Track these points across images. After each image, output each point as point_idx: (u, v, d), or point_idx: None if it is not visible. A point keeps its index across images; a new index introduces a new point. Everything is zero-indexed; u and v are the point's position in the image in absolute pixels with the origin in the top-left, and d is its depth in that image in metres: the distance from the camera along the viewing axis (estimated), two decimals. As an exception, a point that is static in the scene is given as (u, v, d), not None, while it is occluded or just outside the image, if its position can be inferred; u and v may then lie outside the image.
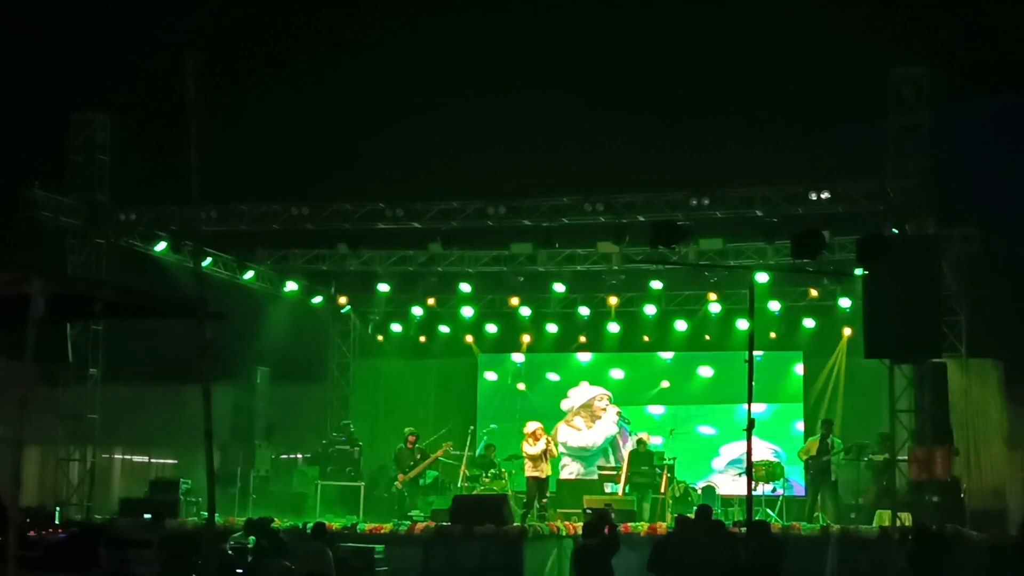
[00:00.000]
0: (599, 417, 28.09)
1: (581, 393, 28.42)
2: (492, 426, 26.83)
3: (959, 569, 17.93)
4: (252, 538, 19.34)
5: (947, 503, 20.54)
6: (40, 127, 25.75)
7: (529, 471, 23.01)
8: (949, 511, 20.29)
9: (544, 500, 22.89)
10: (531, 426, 23.50)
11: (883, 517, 20.71)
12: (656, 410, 27.62)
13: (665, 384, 27.72)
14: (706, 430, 27.17)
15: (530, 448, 23.06)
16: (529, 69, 28.06)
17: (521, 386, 28.77)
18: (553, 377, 28.77)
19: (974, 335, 24.23)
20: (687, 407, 27.45)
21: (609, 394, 28.20)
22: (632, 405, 27.96)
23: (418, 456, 24.92)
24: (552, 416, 27.06)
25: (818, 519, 21.79)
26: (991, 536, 21.14)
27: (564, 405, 28.35)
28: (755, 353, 15.45)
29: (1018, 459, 25.53)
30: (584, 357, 28.59)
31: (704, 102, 27.40)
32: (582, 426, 28.13)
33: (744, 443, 15.54)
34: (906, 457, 20.76)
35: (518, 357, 28.90)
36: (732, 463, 25.92)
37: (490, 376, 29.08)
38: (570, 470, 27.45)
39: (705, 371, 27.52)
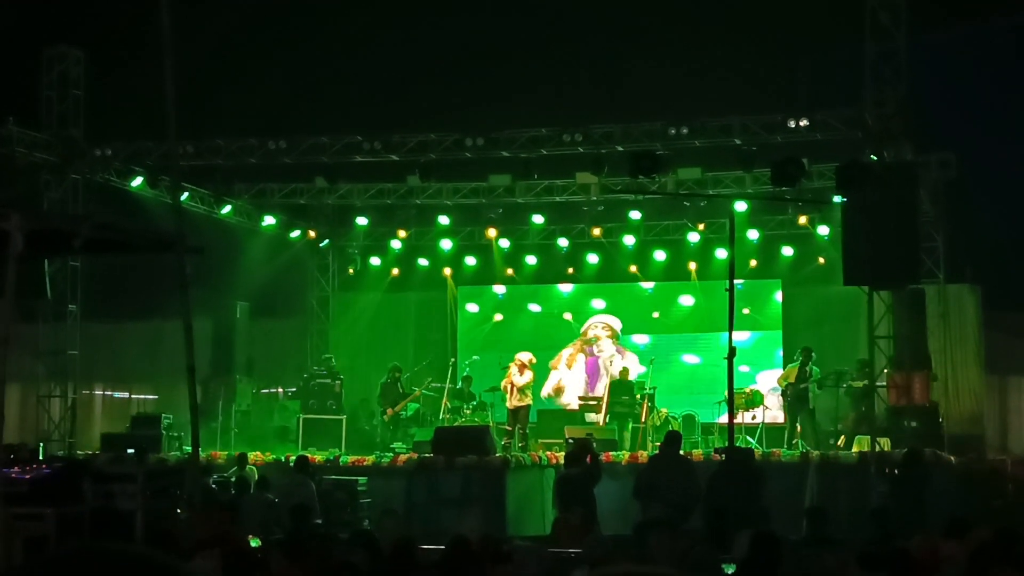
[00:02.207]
0: (591, 347, 28.01)
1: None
2: (474, 357, 26.80)
3: (937, 493, 18.07)
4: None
5: (925, 428, 20.71)
6: (13, 62, 25.47)
7: (516, 401, 23.11)
8: (927, 436, 20.45)
9: (526, 430, 23.06)
10: (523, 356, 23.60)
11: (862, 443, 20.87)
12: (640, 339, 27.65)
13: (655, 315, 27.68)
14: (690, 359, 27.21)
15: (519, 378, 23.17)
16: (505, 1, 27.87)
17: (498, 317, 28.73)
18: (535, 308, 28.75)
19: (952, 261, 24.34)
20: (669, 336, 27.47)
21: (607, 322, 28.14)
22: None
23: (400, 390, 25.00)
24: (533, 347, 27.06)
25: (797, 445, 21.94)
26: (968, 460, 21.36)
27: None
28: (736, 282, 15.50)
29: (995, 384, 25.73)
30: (566, 288, 28.55)
31: (680, 30, 27.25)
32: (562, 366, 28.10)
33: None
34: (885, 383, 20.89)
35: (499, 288, 28.82)
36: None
37: (472, 308, 29.00)
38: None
39: (687, 300, 27.50)
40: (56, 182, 23.93)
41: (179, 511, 13.95)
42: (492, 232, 27.60)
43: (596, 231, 27.22)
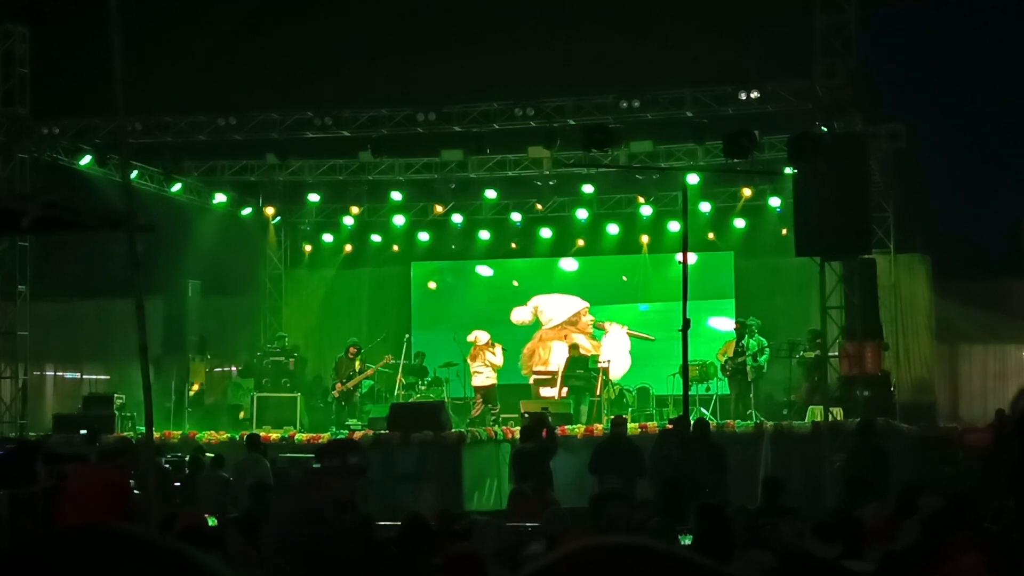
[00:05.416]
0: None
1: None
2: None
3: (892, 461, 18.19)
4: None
5: (877, 397, 20.85)
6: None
7: (486, 379, 23.29)
8: (879, 405, 20.60)
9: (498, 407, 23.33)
10: (484, 336, 23.70)
11: (815, 413, 21.00)
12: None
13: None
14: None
15: (494, 359, 23.46)
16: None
17: (434, 284, 28.64)
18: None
19: (902, 231, 24.55)
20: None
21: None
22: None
23: (357, 367, 24.92)
24: (494, 322, 26.89)
25: (751, 416, 22.00)
26: (920, 428, 21.54)
27: (516, 316, 28.10)
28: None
29: (945, 352, 25.96)
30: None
31: (630, 2, 27.23)
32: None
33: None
34: (837, 353, 21.02)
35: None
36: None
37: (433, 285, 28.81)
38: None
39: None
40: (3, 161, 23.69)
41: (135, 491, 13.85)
42: (439, 208, 27.50)
43: (539, 206, 27.04)
